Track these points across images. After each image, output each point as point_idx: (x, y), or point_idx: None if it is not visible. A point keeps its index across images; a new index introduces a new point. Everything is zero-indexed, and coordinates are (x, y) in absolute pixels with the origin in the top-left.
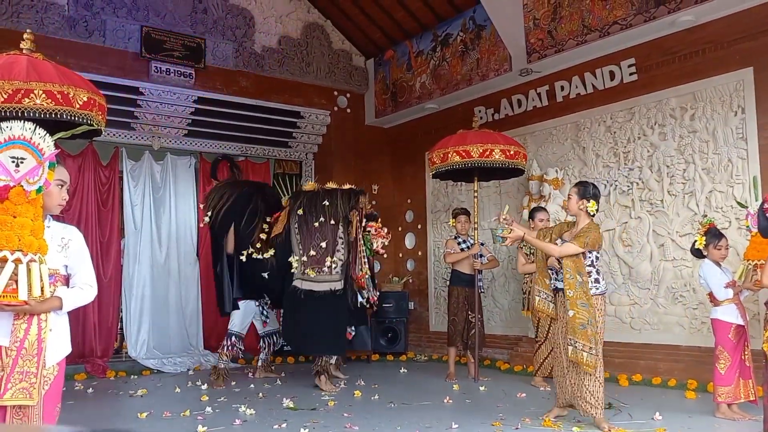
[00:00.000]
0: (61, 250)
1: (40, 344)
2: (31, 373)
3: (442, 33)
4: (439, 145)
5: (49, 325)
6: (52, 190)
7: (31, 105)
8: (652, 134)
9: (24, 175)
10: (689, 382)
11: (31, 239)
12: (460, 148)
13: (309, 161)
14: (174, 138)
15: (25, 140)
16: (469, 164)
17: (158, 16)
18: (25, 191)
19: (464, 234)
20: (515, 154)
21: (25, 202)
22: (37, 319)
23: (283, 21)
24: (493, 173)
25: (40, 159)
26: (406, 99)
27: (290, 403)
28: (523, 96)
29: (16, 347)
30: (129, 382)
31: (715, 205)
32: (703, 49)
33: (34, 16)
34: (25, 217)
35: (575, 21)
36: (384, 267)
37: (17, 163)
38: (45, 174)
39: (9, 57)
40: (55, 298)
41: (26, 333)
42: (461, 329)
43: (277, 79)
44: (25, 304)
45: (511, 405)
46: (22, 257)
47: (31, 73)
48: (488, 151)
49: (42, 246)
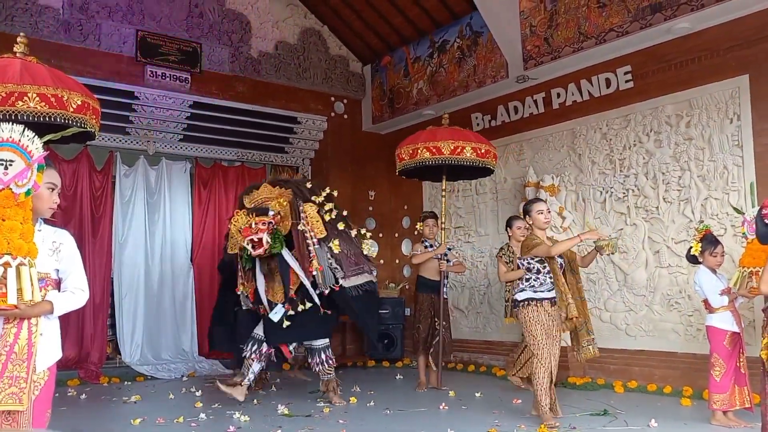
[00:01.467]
0: (53, 254)
1: (30, 349)
2: (21, 378)
3: (440, 39)
4: (407, 140)
5: (40, 330)
6: (42, 192)
7: (25, 108)
8: (648, 141)
9: (12, 178)
10: (685, 389)
11: (20, 243)
12: (430, 144)
13: (306, 167)
14: (169, 143)
15: (14, 142)
16: (439, 161)
17: (154, 20)
18: (14, 194)
19: (432, 238)
20: (486, 153)
21: (13, 205)
22: (27, 324)
23: (279, 26)
24: (461, 172)
25: (29, 161)
26: (403, 105)
27: (285, 410)
28: (519, 103)
29: (6, 352)
30: (123, 388)
31: (710, 212)
32: (699, 56)
33: (28, 19)
34: (14, 220)
35: (571, 28)
36: (380, 273)
37: (6, 165)
38: (34, 176)
39: (2, 60)
40: (46, 302)
41: (16, 337)
42: (425, 336)
43: (274, 85)
44: (15, 308)
45: (507, 411)
46: (11, 261)
47: (24, 76)
48: (459, 148)
49: (32, 249)
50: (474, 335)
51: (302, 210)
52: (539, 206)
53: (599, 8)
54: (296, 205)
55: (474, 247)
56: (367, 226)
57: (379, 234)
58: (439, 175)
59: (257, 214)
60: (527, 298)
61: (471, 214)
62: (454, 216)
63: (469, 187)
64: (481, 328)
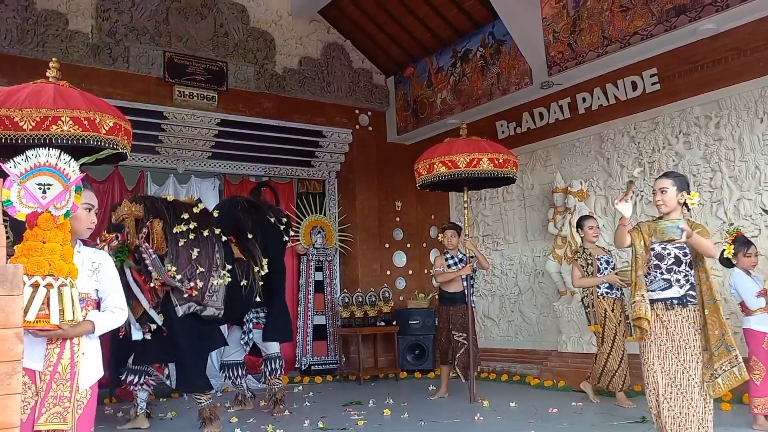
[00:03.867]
0: (92, 275)
1: (73, 368)
2: (64, 397)
3: (462, 49)
4: (424, 155)
5: (82, 349)
6: (80, 214)
7: (59, 132)
8: (677, 143)
9: (51, 201)
10: (724, 393)
11: (61, 264)
12: (446, 158)
13: (332, 180)
14: (198, 161)
15: (51, 166)
16: (455, 175)
17: (180, 41)
18: (53, 216)
19: (453, 249)
20: (504, 162)
21: (53, 228)
22: (69, 344)
23: (303, 42)
24: (482, 182)
25: (66, 184)
26: (428, 115)
27: (320, 423)
28: (544, 109)
29: (50, 372)
30: (158, 404)
31: (743, 213)
32: (726, 56)
33: (59, 45)
34: (54, 242)
35: (595, 33)
36: (409, 283)
37: (44, 189)
38: (72, 198)
39: (36, 85)
40: (88, 322)
41: (59, 357)
42: (446, 349)
43: (299, 100)
44: (58, 329)
45: (543, 421)
46: (54, 282)
47: (58, 101)
48: (476, 160)
49: (72, 270)
50: (505, 344)
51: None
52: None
53: (622, 12)
54: (145, 221)
55: (503, 255)
56: (395, 237)
57: (406, 244)
58: (459, 186)
59: (109, 231)
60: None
61: (498, 221)
62: (481, 224)
63: (496, 195)
64: (513, 337)
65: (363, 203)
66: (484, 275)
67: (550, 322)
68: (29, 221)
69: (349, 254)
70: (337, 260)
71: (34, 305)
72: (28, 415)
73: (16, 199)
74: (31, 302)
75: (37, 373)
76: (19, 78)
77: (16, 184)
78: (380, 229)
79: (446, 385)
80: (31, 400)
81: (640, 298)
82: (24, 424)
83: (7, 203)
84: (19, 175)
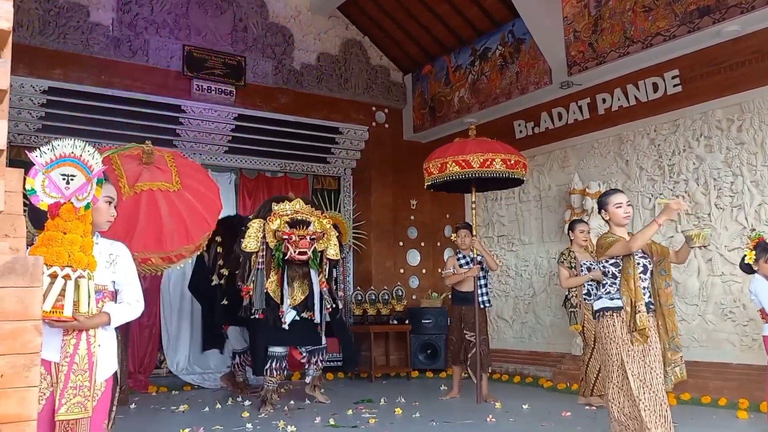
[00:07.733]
0: (109, 266)
1: (91, 359)
2: (84, 386)
3: (481, 47)
4: (436, 154)
5: (98, 341)
6: (100, 206)
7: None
8: (698, 146)
9: (74, 192)
10: (741, 401)
11: (80, 255)
12: (459, 158)
13: (347, 177)
14: (215, 155)
15: (75, 157)
16: (468, 174)
17: (200, 35)
18: (74, 208)
19: (466, 249)
20: (515, 164)
21: (74, 219)
22: (86, 335)
23: (321, 38)
24: (489, 183)
25: (89, 175)
26: (445, 113)
27: (331, 420)
28: (563, 109)
29: (67, 362)
30: (170, 397)
31: (765, 219)
32: (750, 59)
33: (79, 37)
34: (75, 233)
35: (617, 33)
36: (422, 282)
37: (68, 180)
38: (93, 190)
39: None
40: (104, 313)
41: (75, 348)
42: (458, 349)
43: (316, 96)
44: (74, 320)
45: (556, 424)
46: (72, 273)
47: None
48: (489, 161)
49: (91, 262)
50: (519, 345)
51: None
52: (617, 198)
53: (645, 12)
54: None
55: (518, 256)
56: (409, 235)
57: (421, 243)
58: (466, 187)
59: (304, 226)
60: (603, 307)
61: (514, 222)
62: (497, 224)
63: (512, 195)
64: (527, 338)
65: (378, 201)
66: (498, 276)
67: (564, 325)
68: (51, 211)
69: (362, 252)
70: (350, 257)
71: (50, 295)
72: (44, 406)
73: (40, 188)
74: (48, 292)
75: (52, 363)
76: (40, 69)
77: (41, 173)
78: (394, 227)
79: (458, 386)
80: (46, 390)
81: (644, 309)
82: (39, 414)
83: (30, 192)
84: (44, 164)
